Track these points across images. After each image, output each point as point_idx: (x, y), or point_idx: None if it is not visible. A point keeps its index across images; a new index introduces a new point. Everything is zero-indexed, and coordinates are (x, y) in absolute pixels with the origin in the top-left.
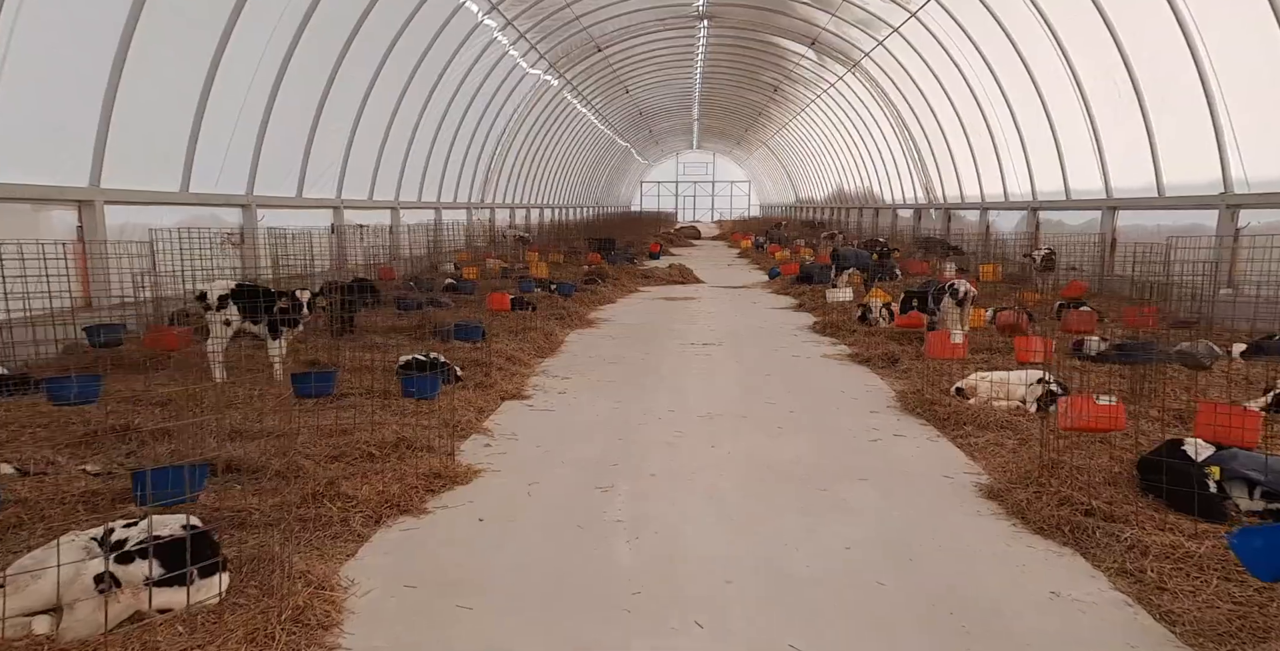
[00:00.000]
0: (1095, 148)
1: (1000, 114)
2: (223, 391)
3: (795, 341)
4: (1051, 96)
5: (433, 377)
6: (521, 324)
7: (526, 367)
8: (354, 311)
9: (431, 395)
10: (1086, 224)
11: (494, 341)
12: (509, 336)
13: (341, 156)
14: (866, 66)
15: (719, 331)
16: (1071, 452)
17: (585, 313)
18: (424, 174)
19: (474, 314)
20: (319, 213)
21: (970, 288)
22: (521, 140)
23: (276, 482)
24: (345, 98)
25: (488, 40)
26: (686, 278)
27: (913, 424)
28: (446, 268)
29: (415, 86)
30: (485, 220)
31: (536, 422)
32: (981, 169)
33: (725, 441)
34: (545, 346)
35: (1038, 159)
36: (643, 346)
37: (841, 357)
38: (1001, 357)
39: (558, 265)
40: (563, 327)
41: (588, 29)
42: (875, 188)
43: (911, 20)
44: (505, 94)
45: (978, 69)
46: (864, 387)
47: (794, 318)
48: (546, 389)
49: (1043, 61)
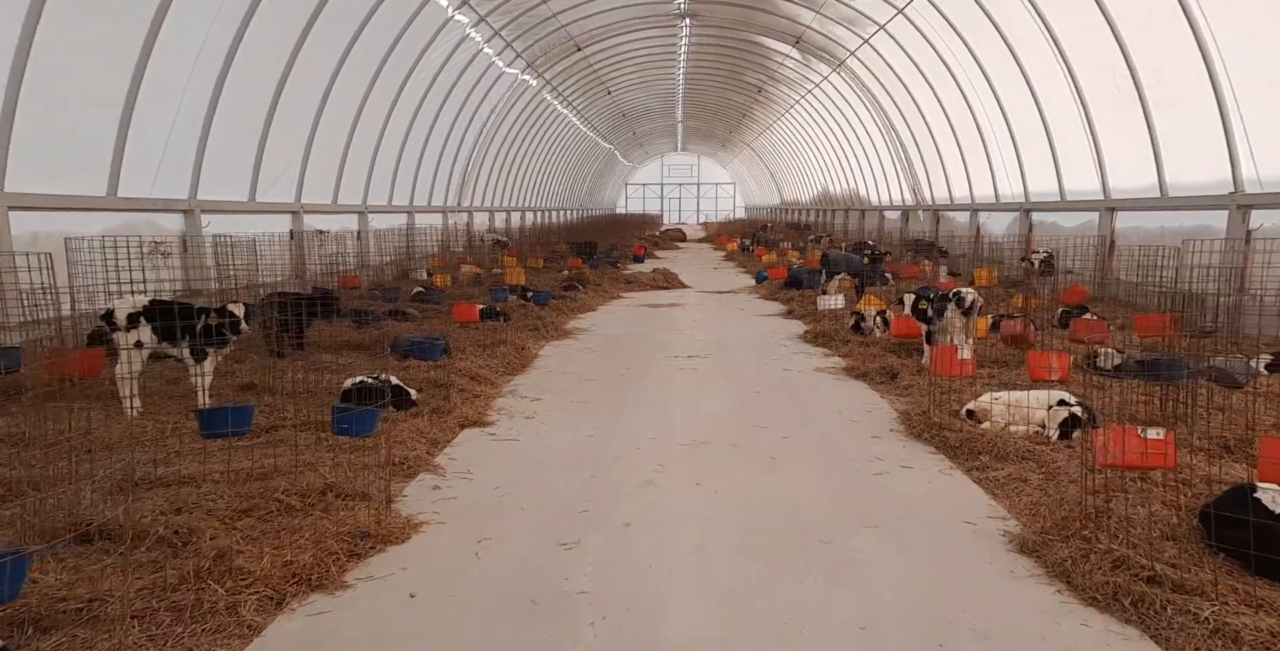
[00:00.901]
0: (1092, 146)
1: (990, 112)
2: (127, 428)
3: (786, 352)
4: (1045, 93)
5: (368, 412)
6: (491, 337)
7: (493, 387)
8: (305, 326)
9: (368, 432)
10: (1082, 225)
11: (458, 358)
12: (476, 351)
13: (301, 157)
14: (852, 66)
15: (705, 342)
16: (1114, 495)
17: (563, 322)
18: (394, 176)
19: (441, 326)
20: (276, 218)
21: (977, 296)
22: (500, 141)
23: (158, 553)
24: (303, 93)
25: (459, 37)
26: (671, 282)
27: (920, 452)
28: (419, 275)
29: (382, 84)
30: (462, 224)
31: (497, 456)
32: (971, 169)
33: (713, 477)
34: (516, 362)
35: (1030, 158)
36: (623, 360)
37: (836, 371)
38: (1010, 372)
39: (537, 270)
40: (537, 340)
41: (566, 27)
42: (861, 189)
43: (899, 17)
44: (481, 93)
45: (966, 66)
46: (863, 407)
47: (783, 326)
48: (513, 413)
49: (1036, 57)
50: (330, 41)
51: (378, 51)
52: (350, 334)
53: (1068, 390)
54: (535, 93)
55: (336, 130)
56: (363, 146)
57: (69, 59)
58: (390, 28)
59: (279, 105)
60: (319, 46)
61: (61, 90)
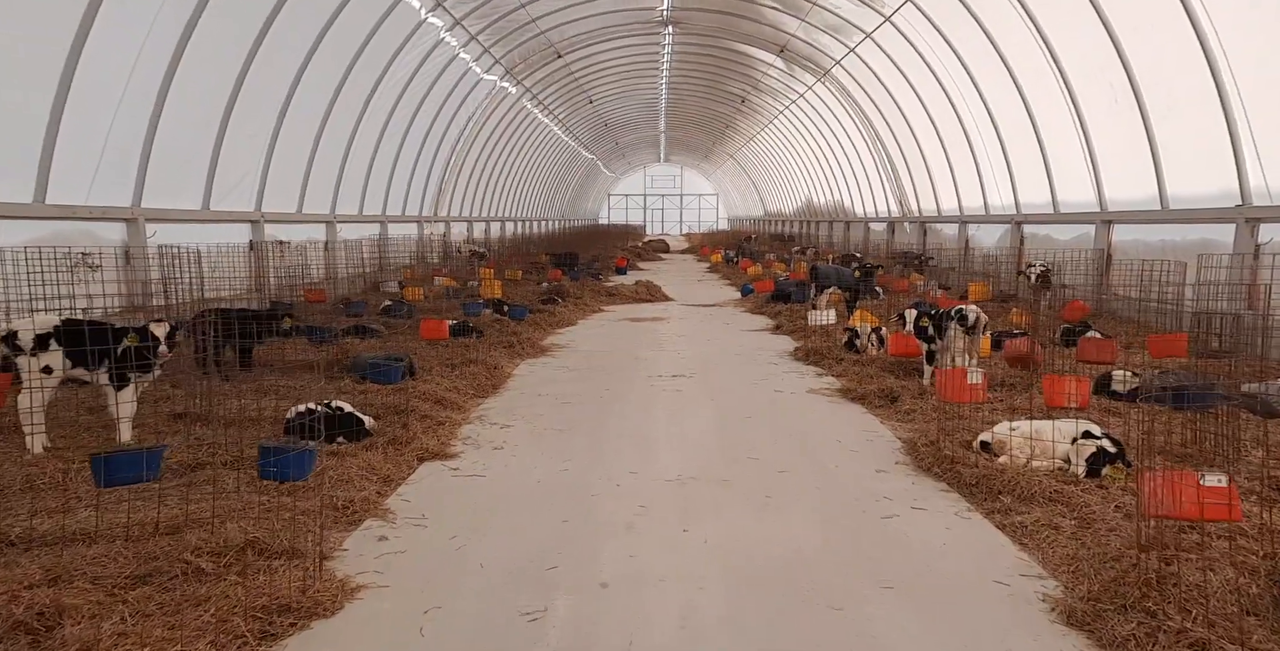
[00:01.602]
0: (1087, 156)
1: (980, 122)
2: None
3: (776, 371)
4: (1037, 101)
5: (302, 454)
6: (461, 355)
7: (460, 412)
8: (252, 344)
9: (301, 476)
10: (1077, 238)
11: (423, 379)
12: (443, 371)
13: (261, 163)
14: (837, 75)
15: (690, 359)
16: (1169, 552)
17: (540, 338)
18: (365, 184)
19: (408, 343)
20: (234, 228)
21: (981, 314)
22: (479, 150)
23: (11, 644)
24: (264, 95)
25: (434, 40)
26: (654, 295)
27: (932, 490)
28: (390, 287)
29: (351, 87)
30: (439, 234)
31: (458, 496)
32: (960, 180)
33: (701, 521)
34: (487, 383)
35: (1022, 169)
36: (603, 380)
37: (830, 393)
38: (1019, 397)
39: (515, 283)
40: (511, 358)
41: (545, 33)
42: (846, 201)
43: (885, 25)
44: (458, 100)
45: (955, 74)
46: (863, 434)
47: (772, 342)
48: (480, 442)
49: (1027, 63)
50: (293, 41)
51: (345, 54)
52: (307, 352)
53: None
54: (515, 100)
55: (301, 135)
56: (331, 153)
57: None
58: (359, 29)
59: (236, 107)
60: (281, 46)
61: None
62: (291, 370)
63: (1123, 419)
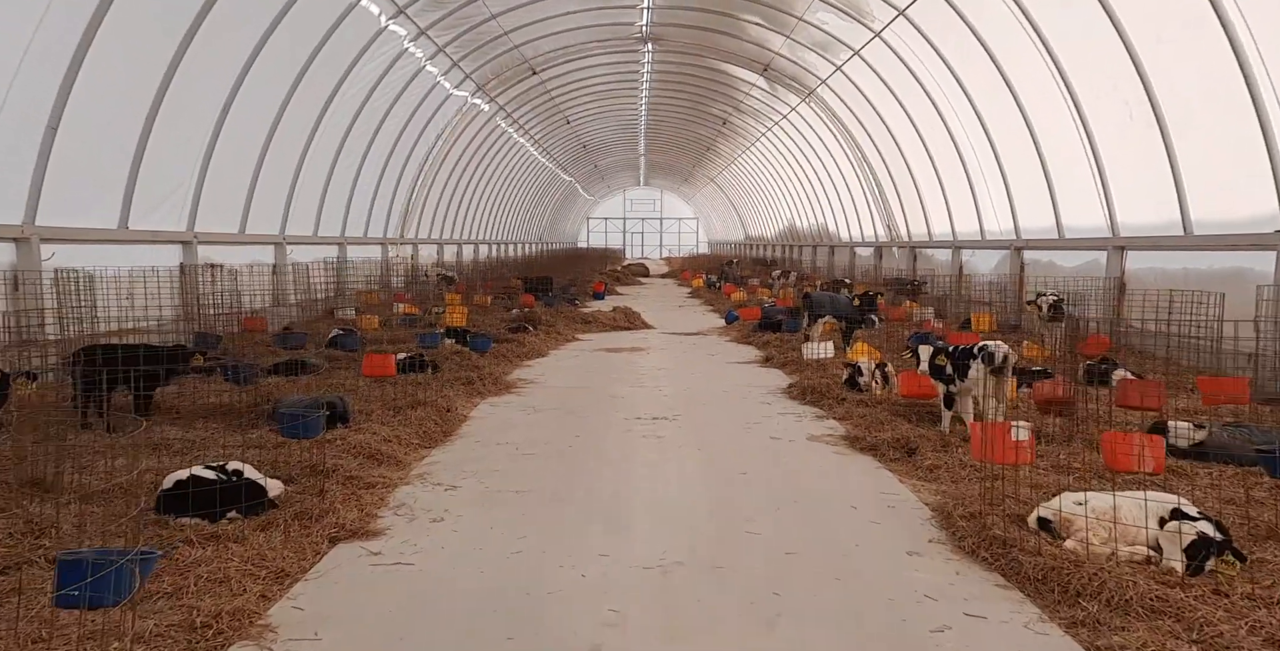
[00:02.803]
0: (1097, 178)
1: (976, 142)
2: None
3: (770, 412)
4: (1040, 119)
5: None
6: (410, 395)
7: (397, 469)
8: (152, 387)
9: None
10: (1084, 266)
11: (357, 428)
12: (385, 416)
13: (194, 176)
14: (823, 95)
15: (672, 397)
16: None
17: (505, 372)
18: (322, 203)
19: (351, 381)
20: (161, 249)
21: (1009, 352)
22: (450, 169)
23: None
24: (195, 101)
25: (397, 51)
26: (633, 322)
27: (984, 584)
28: (348, 314)
29: (305, 96)
30: (406, 257)
31: (372, 598)
32: (953, 203)
33: (691, 636)
34: (437, 429)
35: (1023, 192)
36: (573, 424)
37: (835, 441)
38: (1062, 450)
39: (483, 309)
40: (470, 396)
41: (519, 48)
42: (830, 224)
43: (875, 41)
44: (426, 116)
45: (950, 92)
46: (881, 498)
47: (763, 376)
48: (415, 512)
49: (1030, 78)
50: (230, 43)
51: (296, 58)
52: (227, 394)
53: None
54: (488, 118)
55: (244, 147)
56: (280, 167)
57: None
58: (310, 31)
59: (162, 111)
60: (219, 43)
61: None
62: (203, 417)
63: (1189, 482)
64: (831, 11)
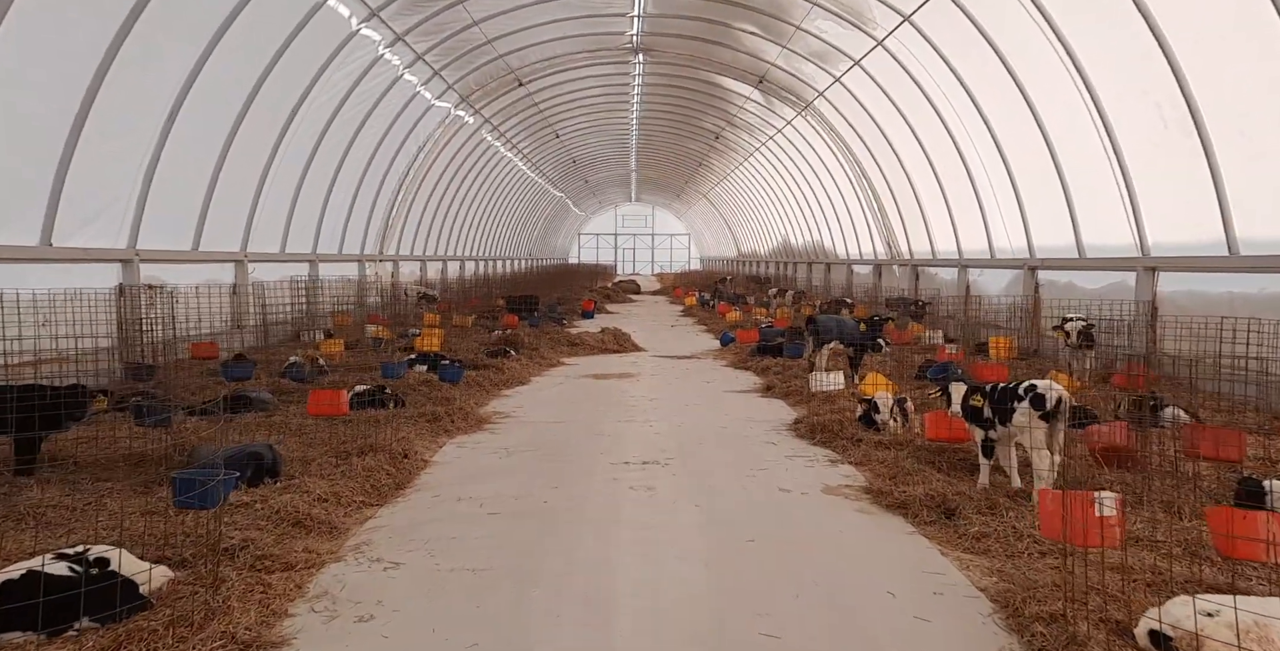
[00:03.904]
0: (1124, 192)
1: (986, 154)
2: None
3: (776, 455)
4: (1059, 129)
5: None
6: (362, 437)
7: (329, 539)
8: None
9: None
10: (1108, 288)
11: (288, 484)
12: (327, 466)
13: (135, 188)
14: (820, 108)
15: (666, 435)
16: None
17: (478, 405)
18: (289, 218)
19: (300, 419)
20: (95, 269)
21: (1065, 394)
22: (433, 183)
23: None
24: (138, 103)
25: (371, 58)
26: (623, 345)
27: None
28: (315, 336)
29: (266, 104)
30: (381, 275)
31: None
32: (959, 220)
33: None
34: (389, 480)
35: (1037, 208)
36: (550, 471)
37: (855, 494)
38: (1135, 517)
39: (463, 330)
40: (434, 436)
41: (504, 57)
42: (827, 241)
43: (877, 50)
44: (406, 128)
45: (957, 102)
46: (925, 581)
47: (764, 408)
48: (339, 606)
49: (1047, 85)
50: (176, 39)
51: (253, 61)
52: (142, 439)
53: None
54: (473, 131)
55: (197, 155)
56: (240, 179)
57: None
58: (269, 34)
59: (92, 115)
60: (155, 42)
61: None
62: (107, 469)
63: None
64: (831, 19)
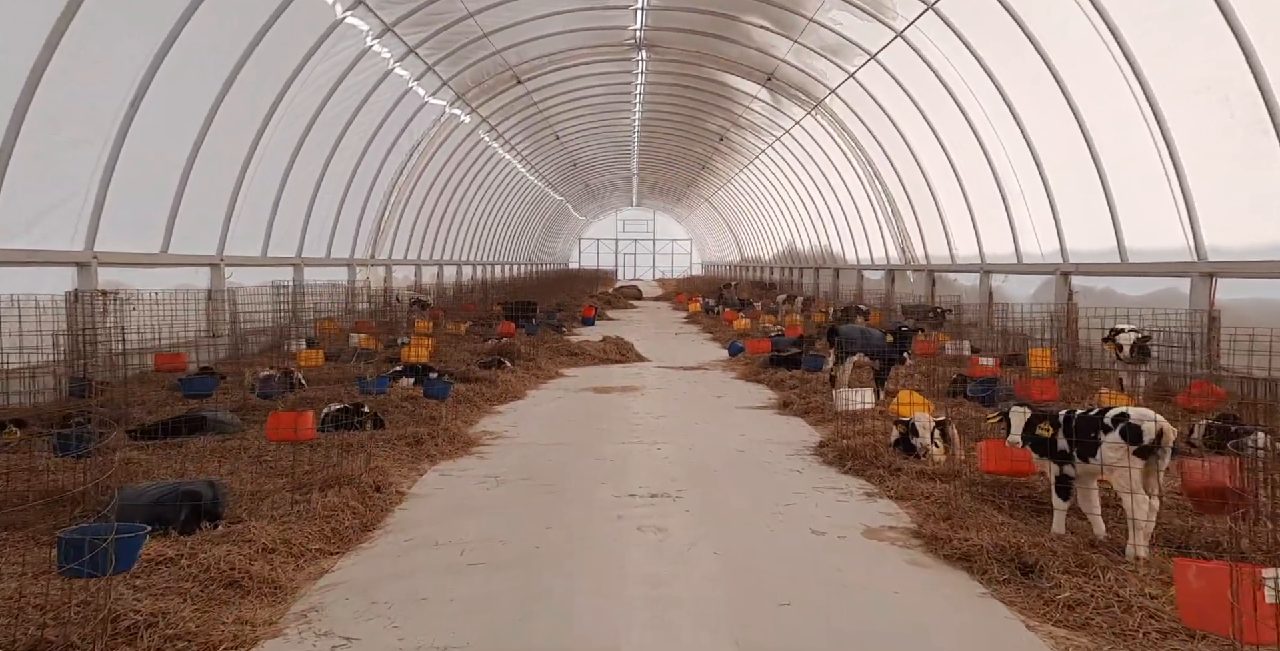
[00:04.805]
0: (1177, 191)
1: (1015, 152)
2: None
3: (803, 486)
4: (1101, 125)
5: None
6: (332, 465)
7: (270, 604)
8: None
9: None
10: (1154, 295)
11: (231, 527)
12: (281, 504)
13: (93, 185)
14: (831, 106)
15: (676, 460)
16: None
17: (468, 422)
18: (272, 219)
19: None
20: (44, 272)
21: (1166, 425)
22: (428, 184)
23: None
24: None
25: (359, 49)
26: (625, 354)
27: None
28: (301, 346)
29: (242, 96)
30: (377, 280)
31: None
32: (982, 223)
33: None
34: (354, 520)
35: (1072, 209)
36: (545, 506)
37: (903, 538)
38: None
39: (457, 339)
40: (415, 462)
41: (502, 53)
42: (835, 245)
43: (895, 42)
44: (398, 125)
45: (984, 95)
46: None
47: (782, 427)
48: None
49: (1091, 78)
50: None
51: (226, 48)
52: (67, 470)
53: None
54: (470, 131)
55: (165, 150)
56: (215, 176)
57: None
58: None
59: (37, 98)
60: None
61: None
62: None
63: None
64: (848, 9)
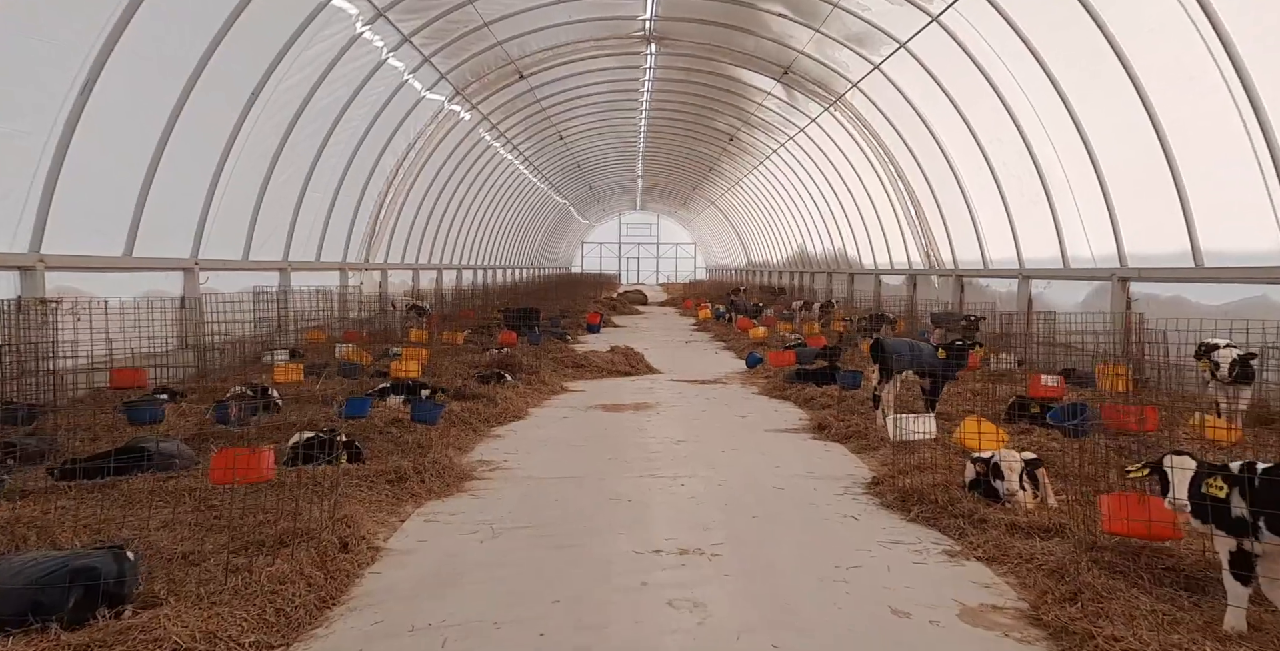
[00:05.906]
0: (1274, 182)
1: (1064, 145)
2: None
3: (866, 540)
4: (1168, 105)
5: None
6: (287, 516)
7: None
8: None
9: None
10: (1237, 304)
11: (144, 610)
12: (219, 568)
13: (37, 180)
14: (852, 100)
15: (705, 501)
16: None
17: (462, 450)
18: (254, 220)
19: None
20: None
21: None
22: (427, 184)
23: None
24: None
25: (348, 37)
26: (635, 366)
27: None
28: (280, 357)
29: (220, 83)
30: (371, 285)
31: None
32: (1020, 224)
33: None
34: (308, 595)
35: (1131, 208)
36: (549, 566)
37: (1020, 629)
38: None
39: (454, 348)
40: (396, 504)
41: (503, 44)
42: (850, 249)
43: (930, 27)
44: (394, 121)
45: (1029, 83)
46: None
47: (823, 457)
48: None
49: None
50: None
51: (202, 29)
52: None
53: None
54: (470, 128)
55: (126, 143)
56: (188, 172)
57: None
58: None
59: None
60: None
61: None
62: None
63: None
64: None
